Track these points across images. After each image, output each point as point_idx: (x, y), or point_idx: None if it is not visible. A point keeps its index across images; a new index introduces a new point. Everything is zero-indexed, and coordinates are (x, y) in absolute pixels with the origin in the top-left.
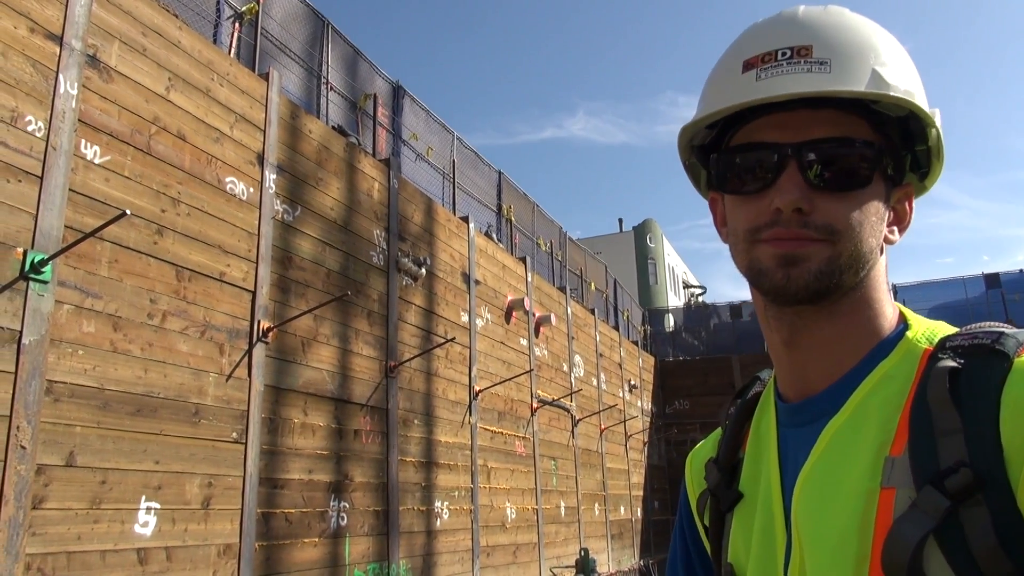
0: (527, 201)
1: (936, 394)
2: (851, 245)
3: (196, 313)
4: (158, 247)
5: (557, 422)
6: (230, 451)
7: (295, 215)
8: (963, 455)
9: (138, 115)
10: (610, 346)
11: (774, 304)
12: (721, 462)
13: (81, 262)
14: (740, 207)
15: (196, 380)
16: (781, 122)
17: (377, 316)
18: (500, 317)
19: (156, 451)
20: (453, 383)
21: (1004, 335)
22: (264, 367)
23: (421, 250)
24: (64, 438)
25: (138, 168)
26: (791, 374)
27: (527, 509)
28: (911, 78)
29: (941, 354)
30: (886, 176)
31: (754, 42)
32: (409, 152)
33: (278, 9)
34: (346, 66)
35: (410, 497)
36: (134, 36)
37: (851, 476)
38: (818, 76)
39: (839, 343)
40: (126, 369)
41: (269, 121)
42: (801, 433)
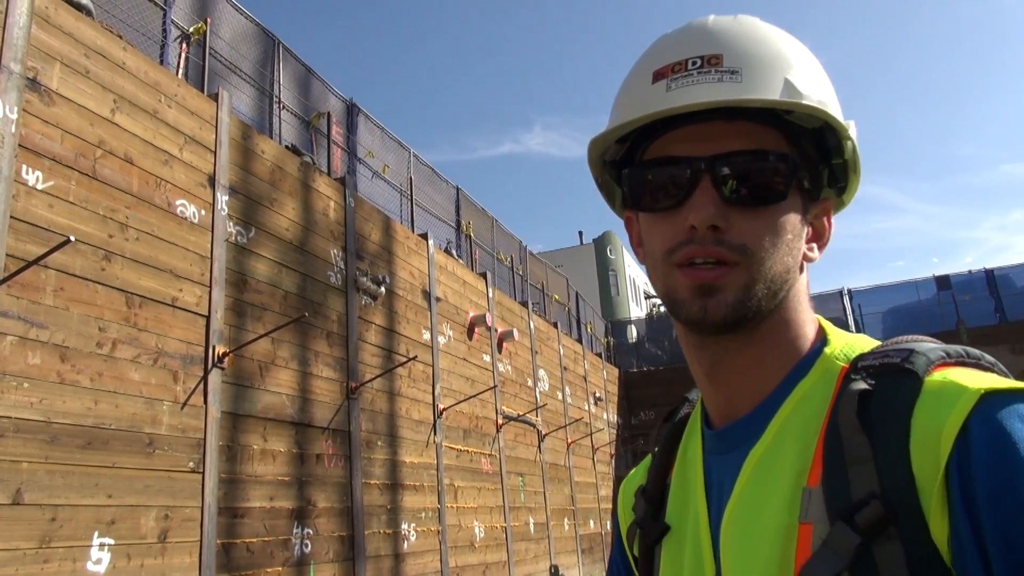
0: (486, 216)
1: (846, 419)
2: (767, 266)
3: (148, 340)
4: (106, 273)
5: (523, 438)
6: (187, 481)
7: (249, 237)
8: (874, 486)
9: (82, 139)
10: (574, 359)
11: (694, 334)
12: (649, 491)
13: (25, 291)
14: (655, 226)
15: (149, 409)
16: (694, 135)
17: (337, 337)
18: (462, 334)
19: (109, 484)
20: (416, 402)
21: (914, 353)
22: (220, 393)
23: (380, 268)
24: (10, 475)
25: (83, 193)
26: (714, 401)
27: (496, 527)
28: (824, 88)
29: (853, 375)
30: (803, 190)
31: (664, 52)
32: (365, 170)
33: (227, 29)
34: (298, 85)
35: (376, 520)
36: (76, 58)
37: (771, 509)
38: (729, 86)
39: (760, 367)
40: (75, 401)
41: (220, 142)
42: (726, 460)
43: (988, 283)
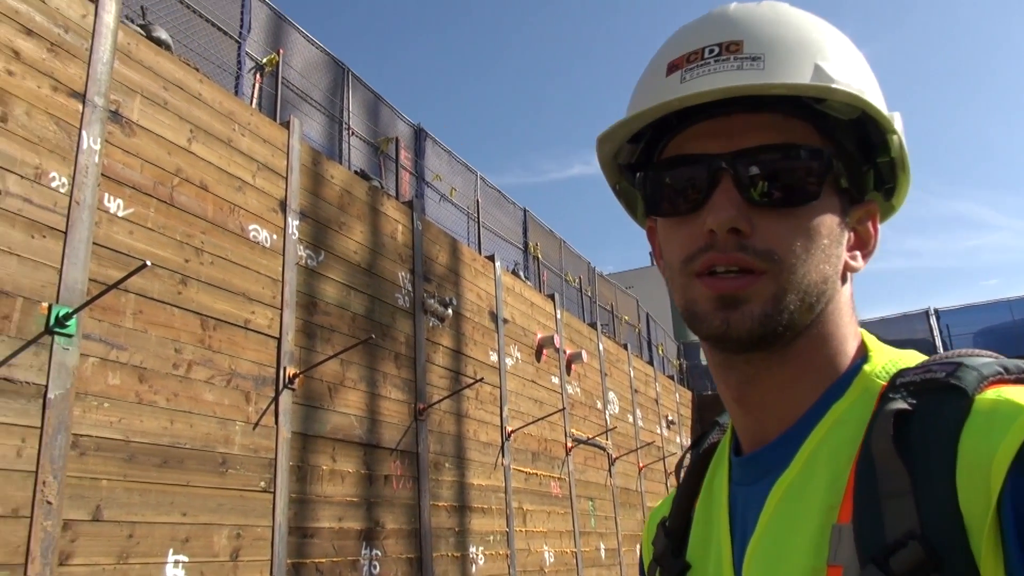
0: (554, 238)
1: (881, 445)
2: (799, 275)
3: (221, 362)
4: (182, 297)
5: (593, 461)
6: (258, 500)
7: (319, 260)
8: (913, 524)
9: (160, 167)
10: (645, 381)
11: (718, 352)
12: (670, 526)
13: (106, 314)
14: (673, 232)
15: (222, 429)
16: (713, 130)
17: (404, 358)
18: (530, 355)
19: (183, 503)
20: (484, 424)
21: (962, 367)
22: (291, 414)
23: (447, 290)
24: (90, 492)
25: (161, 219)
26: (744, 426)
27: (566, 552)
28: (861, 75)
29: (892, 393)
30: (840, 190)
31: (681, 42)
32: (432, 193)
33: (298, 59)
34: (367, 111)
35: (443, 543)
36: (155, 91)
37: (797, 549)
38: (749, 73)
39: (793, 387)
40: (152, 420)
41: (291, 168)
42: (752, 492)
43: None
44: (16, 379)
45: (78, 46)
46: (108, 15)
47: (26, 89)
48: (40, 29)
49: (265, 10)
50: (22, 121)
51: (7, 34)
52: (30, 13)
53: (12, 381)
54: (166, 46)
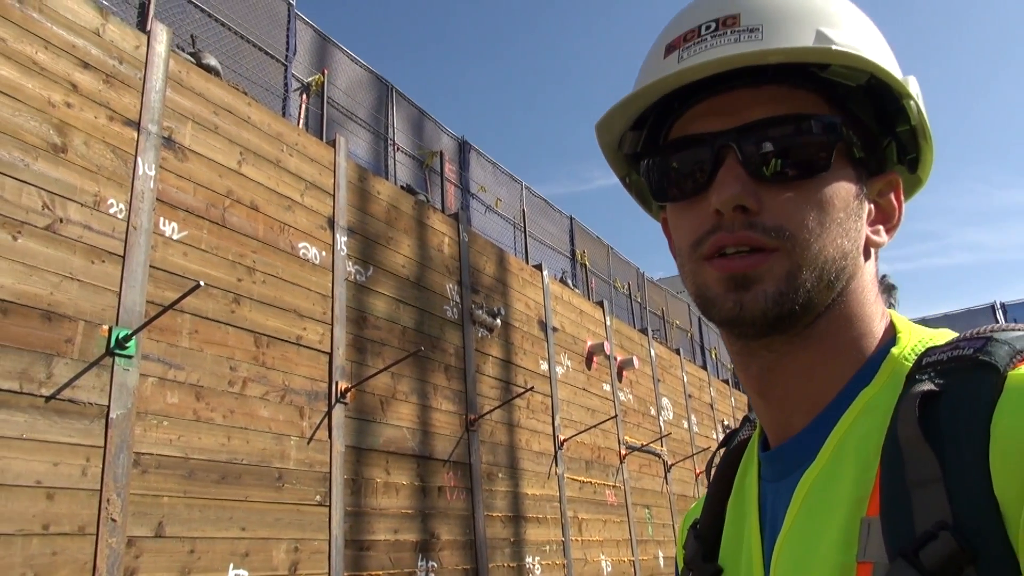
0: (601, 245)
1: (906, 430)
2: (814, 250)
3: (275, 378)
4: (236, 315)
5: (648, 468)
6: (315, 514)
7: (368, 275)
8: (944, 513)
9: (212, 190)
10: (699, 386)
11: (736, 339)
12: (700, 528)
13: (163, 335)
14: (681, 217)
15: (278, 444)
16: (716, 108)
17: (455, 370)
18: (580, 363)
19: (242, 517)
20: (536, 433)
21: (992, 341)
22: (344, 428)
23: (495, 301)
24: (152, 509)
25: (214, 240)
26: (768, 419)
27: (623, 561)
28: (869, 39)
29: (918, 374)
30: (855, 161)
31: (679, 24)
32: (478, 205)
33: (343, 78)
34: (411, 126)
35: (499, 554)
36: (206, 116)
37: (825, 546)
38: (746, 44)
39: (817, 374)
40: (209, 437)
41: (338, 186)
42: (780, 487)
43: None
44: (80, 400)
45: (132, 76)
46: (160, 45)
47: (84, 120)
48: (96, 62)
49: (310, 32)
50: (81, 151)
51: (65, 68)
52: (86, 47)
53: (76, 402)
54: (215, 72)
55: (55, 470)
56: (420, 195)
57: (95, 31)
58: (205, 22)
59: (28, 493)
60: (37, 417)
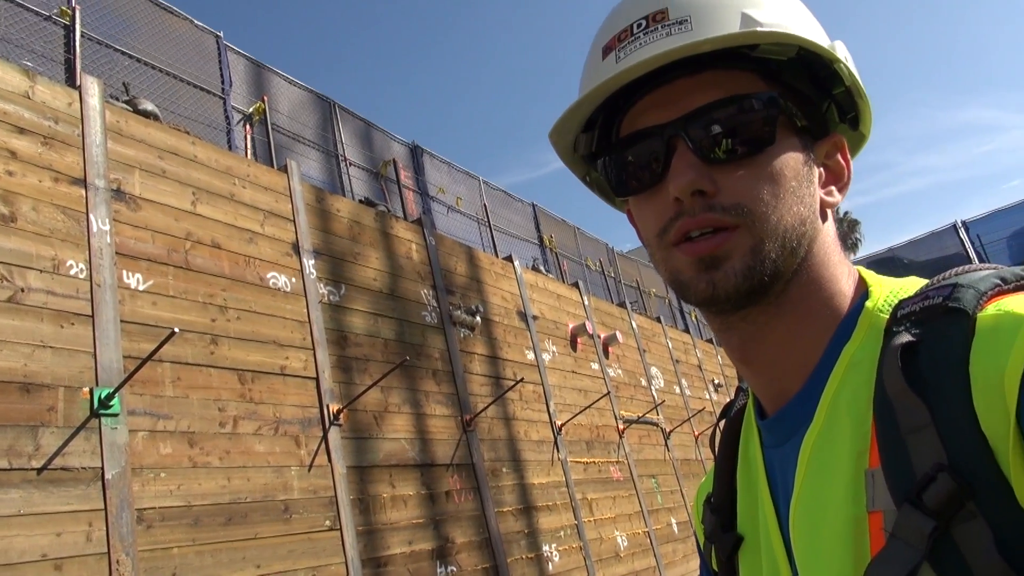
0: (567, 227)
1: (892, 381)
2: (773, 221)
3: (265, 411)
4: (216, 356)
5: (648, 439)
6: (327, 540)
7: (341, 294)
8: (939, 455)
9: (171, 235)
10: (685, 350)
11: (715, 315)
12: (715, 501)
13: (146, 387)
14: (644, 208)
15: (279, 477)
16: (659, 100)
17: (443, 374)
18: (566, 347)
19: (255, 555)
20: (533, 423)
21: (958, 287)
22: (342, 449)
23: (472, 299)
24: (163, 562)
25: (181, 285)
26: (759, 387)
27: (638, 534)
28: (792, 13)
29: (896, 326)
30: (798, 130)
31: (611, 25)
32: (439, 207)
33: (284, 102)
34: (360, 140)
35: (516, 547)
36: (152, 162)
37: (836, 501)
38: (678, 37)
39: (797, 337)
40: (209, 481)
41: (297, 210)
42: (784, 452)
43: None
44: (72, 466)
45: (70, 134)
46: (93, 98)
47: (29, 185)
48: (31, 125)
49: (243, 61)
50: (31, 217)
51: (1, 137)
52: (18, 112)
53: (69, 469)
54: (154, 116)
55: (59, 540)
56: (380, 206)
57: (24, 94)
58: (135, 68)
59: (35, 568)
60: (32, 490)
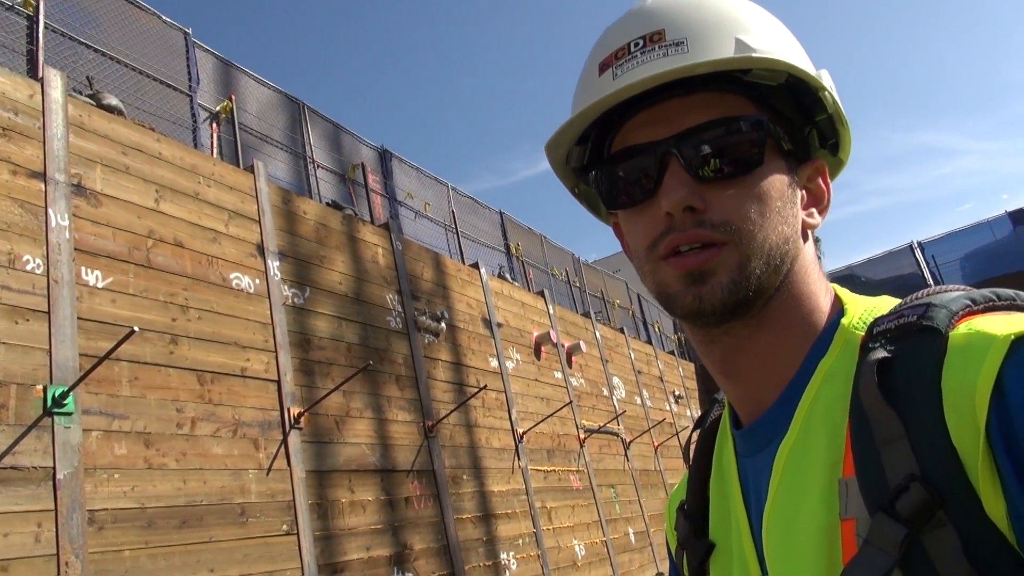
0: (534, 235)
1: (868, 395)
2: (759, 239)
3: (224, 413)
4: (175, 356)
5: (608, 448)
6: (283, 544)
7: (305, 297)
8: (912, 466)
9: (132, 232)
10: (647, 361)
11: (699, 328)
12: (688, 508)
13: (102, 386)
14: (634, 222)
15: (237, 480)
16: (654, 118)
17: (406, 379)
18: (529, 355)
19: (209, 559)
20: (495, 430)
21: (931, 307)
22: (302, 453)
23: (437, 305)
24: (114, 565)
25: (142, 283)
26: (736, 399)
27: (596, 543)
28: (782, 41)
29: (872, 343)
30: (784, 153)
31: (608, 41)
32: (407, 212)
33: (252, 102)
34: (329, 142)
35: (474, 555)
36: (115, 157)
37: (809, 509)
38: (674, 58)
39: (776, 351)
40: (164, 483)
41: (262, 211)
42: (758, 462)
43: None
44: (22, 465)
45: (30, 126)
46: (55, 91)
47: None
48: None
49: (211, 59)
50: None
51: None
52: None
53: (19, 468)
54: (118, 111)
55: (6, 541)
56: (348, 210)
57: None
58: (100, 62)
59: None
60: None
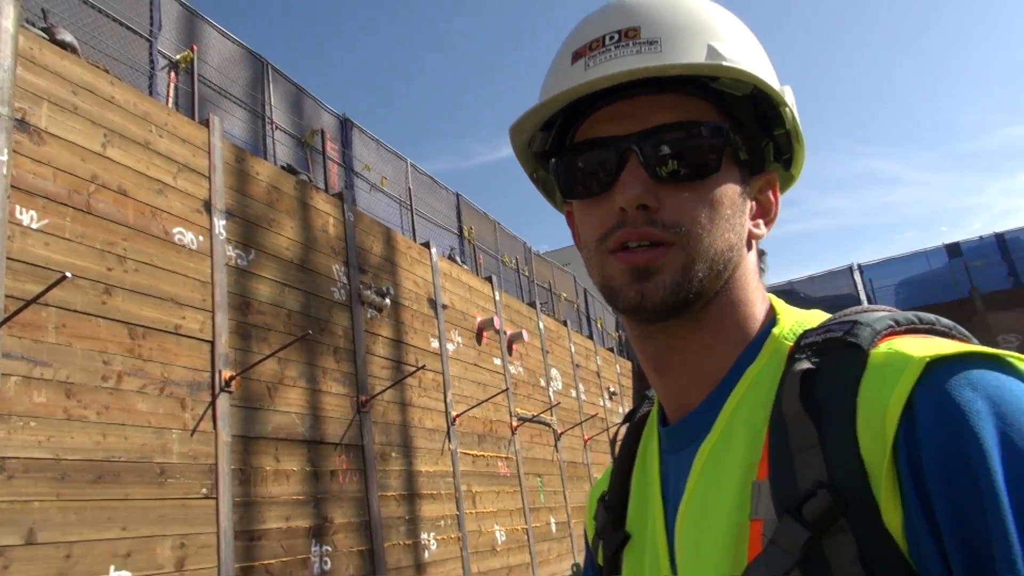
0: (488, 220)
1: (789, 403)
2: (705, 244)
3: (153, 370)
4: (107, 307)
5: (539, 438)
6: (201, 508)
7: (249, 259)
8: (821, 474)
9: (74, 175)
10: (586, 356)
11: (637, 324)
12: (609, 499)
13: (26, 331)
14: (588, 213)
15: (159, 439)
16: (619, 113)
17: (344, 352)
18: (471, 339)
19: (122, 517)
20: (429, 411)
21: (857, 324)
22: (230, 417)
23: (384, 280)
24: (22, 516)
25: (79, 229)
26: (666, 396)
27: (517, 530)
28: (752, 53)
29: (798, 354)
30: (740, 162)
31: (583, 32)
32: (363, 184)
33: (214, 55)
34: (290, 104)
35: (395, 532)
36: (64, 96)
37: (722, 508)
38: (647, 56)
39: (708, 353)
40: (83, 436)
41: (214, 167)
42: (680, 459)
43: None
44: None
45: None
46: (6, 20)
47: None
48: None
49: (176, 6)
50: None
51: None
52: None
53: None
54: (72, 49)
55: None
56: (302, 175)
57: None
58: None
59: None
60: None
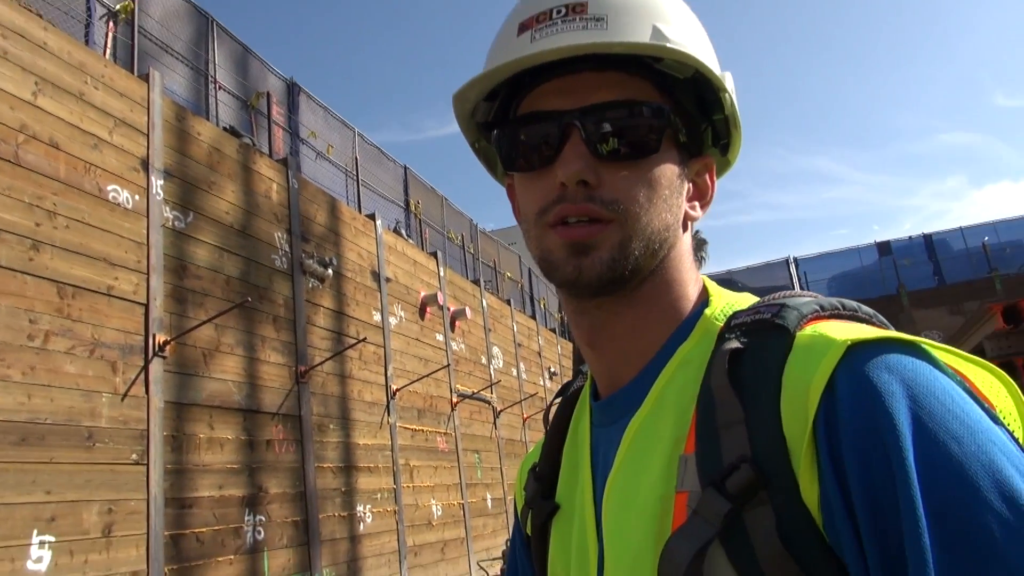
0: (435, 195)
1: (717, 380)
2: (643, 223)
3: (83, 331)
4: (35, 264)
5: (479, 415)
6: (131, 474)
7: (188, 222)
8: (745, 449)
9: (2, 123)
10: (528, 335)
11: (573, 298)
12: (539, 471)
13: None
14: (529, 186)
15: (87, 402)
16: (563, 87)
17: (284, 321)
18: (414, 314)
19: (47, 481)
20: (369, 384)
21: (785, 307)
22: (163, 383)
23: (327, 251)
24: None
25: (6, 180)
26: (599, 371)
27: (453, 505)
28: (695, 38)
29: (728, 334)
30: (679, 144)
31: (531, 4)
32: (309, 151)
33: (157, 7)
34: (236, 64)
35: (330, 504)
36: None
37: (649, 480)
38: (593, 32)
39: (641, 331)
40: (6, 396)
41: (152, 124)
42: (610, 432)
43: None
44: None
45: None
46: None
47: None
48: None
49: None
50: None
51: None
52: None
53: None
54: None
55: None
56: (245, 138)
57: None
58: None
59: None
60: None
